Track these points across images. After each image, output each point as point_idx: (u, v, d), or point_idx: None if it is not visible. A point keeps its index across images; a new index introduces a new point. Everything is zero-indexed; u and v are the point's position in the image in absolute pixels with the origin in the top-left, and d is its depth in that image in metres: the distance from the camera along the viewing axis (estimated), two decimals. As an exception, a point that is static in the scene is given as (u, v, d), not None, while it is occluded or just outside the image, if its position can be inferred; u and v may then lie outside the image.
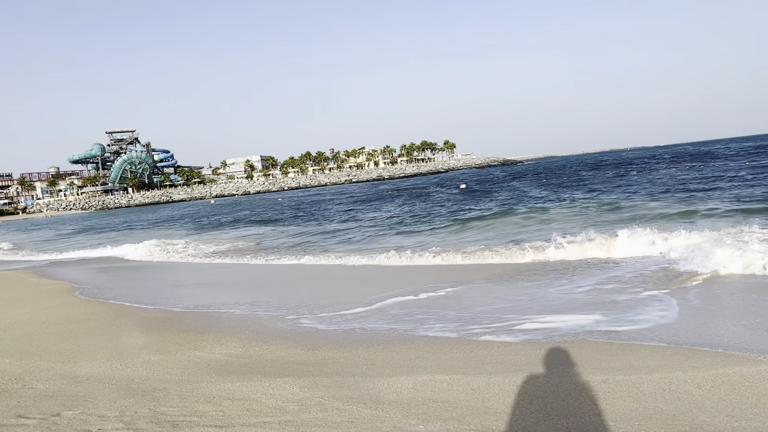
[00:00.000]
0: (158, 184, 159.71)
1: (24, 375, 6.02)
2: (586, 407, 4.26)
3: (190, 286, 12.86)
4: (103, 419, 4.51)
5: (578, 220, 18.40)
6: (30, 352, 7.17)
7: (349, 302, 9.13)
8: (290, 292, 10.95)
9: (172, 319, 8.84)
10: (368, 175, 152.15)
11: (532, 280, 9.89)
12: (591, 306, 7.63)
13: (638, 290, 8.29)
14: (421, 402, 4.60)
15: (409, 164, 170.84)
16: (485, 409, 4.35)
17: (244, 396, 4.95)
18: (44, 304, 10.93)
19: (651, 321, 6.71)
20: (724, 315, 6.76)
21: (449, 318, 7.64)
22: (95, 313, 9.78)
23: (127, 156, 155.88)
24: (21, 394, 5.30)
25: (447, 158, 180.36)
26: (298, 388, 5.07)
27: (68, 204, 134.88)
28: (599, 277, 9.62)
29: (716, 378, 4.64)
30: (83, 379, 5.79)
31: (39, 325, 8.89)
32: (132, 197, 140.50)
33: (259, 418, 4.40)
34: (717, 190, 23.41)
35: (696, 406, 4.16)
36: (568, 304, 7.82)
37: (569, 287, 9.01)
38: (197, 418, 4.45)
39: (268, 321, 8.29)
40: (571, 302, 7.95)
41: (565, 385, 4.74)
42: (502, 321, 7.24)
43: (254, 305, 9.54)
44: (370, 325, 7.67)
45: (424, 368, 5.55)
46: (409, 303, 8.79)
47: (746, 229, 11.86)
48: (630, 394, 4.44)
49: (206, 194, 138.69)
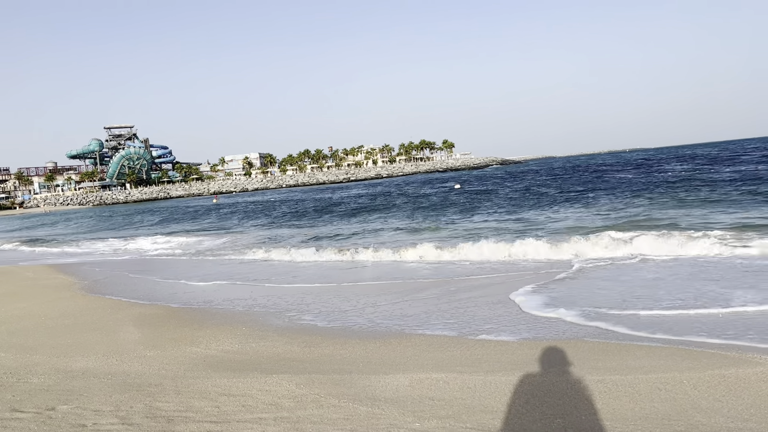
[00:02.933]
0: (156, 180, 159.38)
1: (19, 369, 6.00)
2: (583, 407, 4.25)
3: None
4: (98, 414, 4.50)
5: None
6: (26, 346, 7.15)
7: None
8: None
9: (169, 315, 8.82)
10: (366, 174, 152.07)
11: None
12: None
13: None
14: (418, 400, 4.59)
15: (407, 163, 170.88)
16: (481, 408, 4.35)
17: (240, 392, 4.94)
18: (41, 299, 10.91)
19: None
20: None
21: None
22: (92, 308, 9.76)
23: (125, 152, 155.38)
24: (16, 388, 5.28)
25: (445, 157, 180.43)
26: (294, 385, 5.06)
27: (66, 199, 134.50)
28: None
29: (712, 379, 4.64)
30: (79, 373, 5.77)
31: (35, 320, 8.87)
32: (130, 193, 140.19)
33: (254, 414, 4.39)
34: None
35: (692, 406, 4.17)
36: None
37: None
38: (193, 414, 4.44)
39: (263, 317, 8.28)
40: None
41: (561, 384, 4.74)
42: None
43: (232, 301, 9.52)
44: (366, 322, 7.67)
45: (420, 366, 5.54)
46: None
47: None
48: (626, 394, 4.44)
49: (204, 191, 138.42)
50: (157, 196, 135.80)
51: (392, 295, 9.34)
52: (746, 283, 8.12)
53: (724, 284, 8.22)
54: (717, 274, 8.96)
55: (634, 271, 9.88)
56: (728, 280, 8.46)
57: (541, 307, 7.74)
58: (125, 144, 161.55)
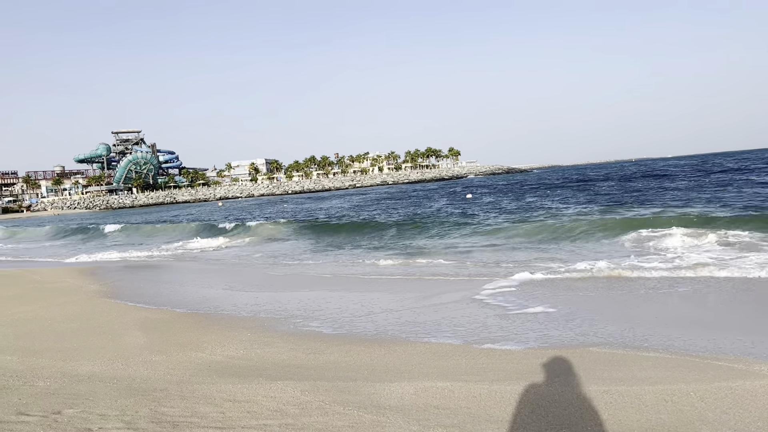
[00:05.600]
0: (162, 185, 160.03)
1: (25, 372, 6.03)
2: (588, 417, 4.24)
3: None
4: (103, 418, 4.51)
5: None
6: (32, 349, 7.18)
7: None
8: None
9: (173, 320, 8.84)
10: (372, 181, 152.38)
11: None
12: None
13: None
14: (422, 408, 4.58)
15: (413, 170, 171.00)
16: (486, 417, 4.33)
17: (245, 398, 4.94)
18: (47, 302, 10.95)
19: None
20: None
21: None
22: (98, 311, 9.79)
23: (132, 156, 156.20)
24: (22, 392, 5.30)
25: (451, 165, 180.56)
26: (299, 392, 5.06)
27: (72, 203, 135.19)
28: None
29: (719, 391, 4.61)
30: (84, 377, 5.79)
31: (41, 323, 8.91)
32: (136, 198, 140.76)
33: (259, 420, 4.40)
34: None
35: (699, 418, 4.14)
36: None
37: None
38: (198, 419, 4.45)
39: (269, 323, 8.29)
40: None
41: (566, 394, 4.72)
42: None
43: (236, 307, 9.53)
44: (371, 329, 7.66)
45: (425, 374, 5.54)
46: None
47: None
48: (632, 405, 4.42)
49: (210, 196, 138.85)
50: (164, 200, 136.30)
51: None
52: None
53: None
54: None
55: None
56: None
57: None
58: (132, 149, 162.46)
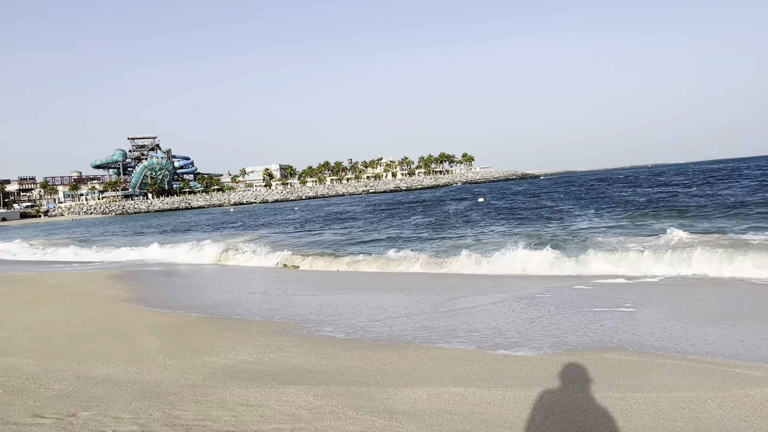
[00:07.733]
0: (177, 191, 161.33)
1: (41, 375, 6.08)
2: (603, 424, 4.19)
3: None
4: (117, 421, 4.54)
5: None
6: (48, 352, 7.25)
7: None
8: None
9: (187, 324, 8.89)
10: (386, 186, 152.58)
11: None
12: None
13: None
14: (436, 414, 4.56)
15: (426, 176, 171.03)
16: (500, 423, 4.30)
17: (258, 402, 4.95)
18: (63, 306, 11.06)
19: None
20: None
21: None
22: (113, 315, 9.87)
23: (148, 162, 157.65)
24: (38, 394, 5.35)
25: (465, 171, 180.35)
26: (312, 396, 5.06)
27: (89, 208, 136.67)
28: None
29: (737, 398, 4.54)
30: (99, 380, 5.83)
31: (57, 327, 8.99)
32: (152, 203, 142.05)
33: (272, 424, 4.40)
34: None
35: (716, 426, 4.08)
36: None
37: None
38: (211, 423, 4.46)
39: (282, 327, 8.30)
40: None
41: (581, 401, 4.68)
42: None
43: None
44: (384, 334, 7.65)
45: (439, 380, 5.51)
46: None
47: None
48: (648, 413, 4.37)
49: (225, 201, 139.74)
50: (179, 206, 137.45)
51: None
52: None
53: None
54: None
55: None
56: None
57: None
58: (148, 155, 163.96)
